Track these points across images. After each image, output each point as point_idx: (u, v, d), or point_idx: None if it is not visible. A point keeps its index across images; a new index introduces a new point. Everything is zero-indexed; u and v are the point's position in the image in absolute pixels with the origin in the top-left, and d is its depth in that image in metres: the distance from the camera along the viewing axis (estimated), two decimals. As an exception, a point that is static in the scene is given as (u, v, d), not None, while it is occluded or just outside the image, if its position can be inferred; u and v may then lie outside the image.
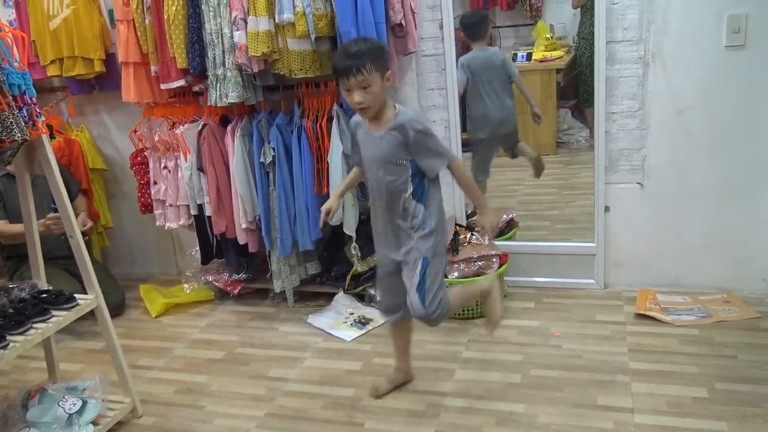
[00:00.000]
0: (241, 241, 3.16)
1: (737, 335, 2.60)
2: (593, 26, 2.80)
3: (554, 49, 3.82)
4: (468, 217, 3.29)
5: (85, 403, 2.25)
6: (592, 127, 3.00)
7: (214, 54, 2.84)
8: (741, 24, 2.61)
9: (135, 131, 3.35)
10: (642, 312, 2.83)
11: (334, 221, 2.96)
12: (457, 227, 3.15)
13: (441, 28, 2.99)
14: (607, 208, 3.01)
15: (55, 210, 2.70)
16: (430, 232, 2.14)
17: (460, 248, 3.02)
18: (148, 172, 3.35)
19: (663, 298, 2.94)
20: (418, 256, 2.13)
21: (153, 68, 3.08)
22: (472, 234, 3.11)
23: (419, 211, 2.14)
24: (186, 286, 3.53)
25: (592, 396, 2.30)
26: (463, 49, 3.86)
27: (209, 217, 3.20)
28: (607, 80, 2.84)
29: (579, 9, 3.67)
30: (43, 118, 2.11)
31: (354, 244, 3.06)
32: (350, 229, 3.00)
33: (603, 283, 3.10)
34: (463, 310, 2.93)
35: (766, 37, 2.60)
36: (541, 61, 3.79)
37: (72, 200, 3.09)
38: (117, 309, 3.38)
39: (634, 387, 2.33)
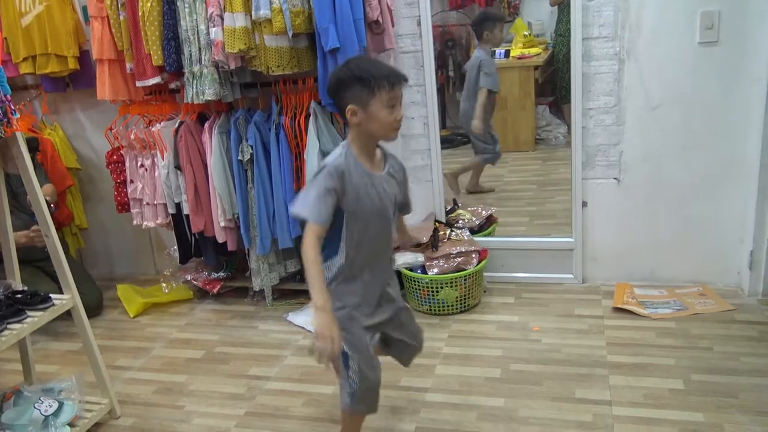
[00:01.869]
0: (220, 239, 3.14)
1: (712, 327, 2.64)
2: (570, 23, 2.82)
3: (532, 47, 3.85)
4: (447, 213, 3.30)
5: (61, 404, 2.22)
6: (569, 124, 3.02)
7: (190, 51, 2.81)
8: (714, 20, 2.65)
9: (111, 129, 3.31)
10: (619, 306, 2.86)
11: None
12: (437, 223, 3.16)
13: (419, 24, 3.00)
14: (584, 204, 3.03)
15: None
16: None
17: (439, 244, 3.03)
18: (125, 170, 3.31)
19: (640, 291, 2.98)
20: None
21: (128, 65, 3.04)
22: (451, 230, 3.12)
23: None
24: (164, 285, 3.49)
25: (571, 389, 2.33)
26: (441, 46, 3.89)
27: (187, 216, 3.18)
28: (583, 76, 2.86)
29: (556, 6, 3.71)
30: (18, 116, 2.08)
31: (333, 241, 3.05)
32: (330, 227, 2.99)
33: (581, 278, 3.13)
34: (443, 306, 2.94)
35: (739, 34, 2.64)
36: (520, 58, 3.82)
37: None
38: (95, 309, 3.34)
39: (612, 380, 2.36)
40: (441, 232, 3.10)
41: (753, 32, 2.62)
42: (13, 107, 2.02)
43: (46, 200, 3.08)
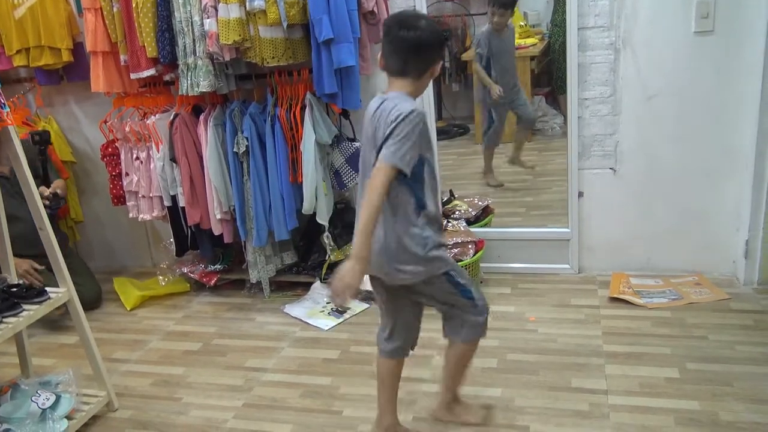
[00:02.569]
0: (216, 231, 3.14)
1: (708, 316, 2.65)
2: (566, 13, 2.81)
3: (528, 37, 3.84)
4: (443, 204, 3.30)
5: (58, 397, 2.22)
6: (566, 114, 3.02)
7: (184, 42, 2.80)
8: (710, 9, 2.64)
9: (105, 122, 3.30)
10: (615, 295, 2.87)
11: (307, 210, 2.96)
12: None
13: (414, 15, 2.98)
14: (580, 194, 3.04)
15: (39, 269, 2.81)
16: None
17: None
18: (120, 163, 3.30)
19: (636, 281, 2.98)
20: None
21: (122, 57, 3.02)
22: (447, 221, 3.12)
23: None
24: (161, 278, 3.49)
25: (567, 379, 2.34)
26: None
27: (183, 208, 3.17)
28: (579, 66, 2.86)
29: (553, -4, 3.69)
30: (9, 110, 2.06)
31: (327, 233, 3.06)
32: (323, 219, 2.99)
33: (577, 268, 3.14)
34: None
35: (734, 23, 2.64)
36: (516, 49, 3.80)
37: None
38: (94, 303, 3.34)
39: (608, 369, 2.37)
40: (437, 223, 3.10)
41: (748, 21, 2.61)
42: (3, 101, 2.01)
43: (57, 193, 3.09)
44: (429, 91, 3.05)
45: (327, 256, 3.15)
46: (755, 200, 2.76)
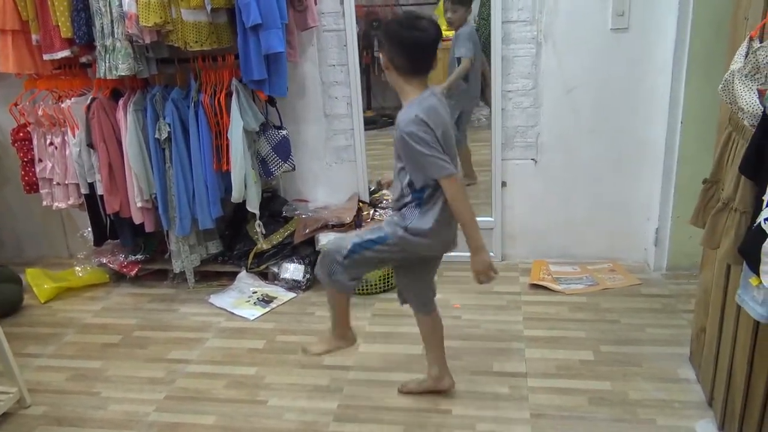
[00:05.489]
0: (137, 220, 3.04)
1: (620, 301, 2.79)
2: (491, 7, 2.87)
3: (455, 29, 3.87)
4: (371, 194, 3.31)
5: (-36, 395, 2.11)
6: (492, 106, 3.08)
7: (102, 23, 2.68)
8: (625, 8, 2.76)
9: (16, 105, 3.12)
10: (536, 282, 2.97)
11: (236, 198, 2.91)
12: (360, 203, 3.17)
13: (341, 3, 2.97)
14: (503, 184, 3.12)
15: None
16: (405, 224, 1.98)
17: (363, 224, 3.04)
18: (32, 149, 3.14)
19: (555, 268, 3.10)
20: (383, 226, 2.03)
21: (34, 37, 2.87)
22: (375, 210, 3.14)
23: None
24: (78, 269, 3.35)
25: (489, 363, 2.40)
26: (367, 26, 3.86)
27: (101, 196, 3.05)
28: (503, 59, 2.93)
29: (480, -11, 3.74)
30: None
31: (258, 221, 3.02)
32: (254, 207, 2.95)
33: (500, 256, 3.22)
34: (367, 285, 2.96)
35: (647, 22, 2.77)
36: (443, 41, 3.83)
37: None
38: (16, 305, 3.14)
39: (527, 353, 2.45)
40: (364, 212, 3.12)
41: (660, 21, 2.74)
42: None
43: None
44: (356, 80, 3.06)
45: (256, 245, 3.10)
46: (664, 191, 2.91)
